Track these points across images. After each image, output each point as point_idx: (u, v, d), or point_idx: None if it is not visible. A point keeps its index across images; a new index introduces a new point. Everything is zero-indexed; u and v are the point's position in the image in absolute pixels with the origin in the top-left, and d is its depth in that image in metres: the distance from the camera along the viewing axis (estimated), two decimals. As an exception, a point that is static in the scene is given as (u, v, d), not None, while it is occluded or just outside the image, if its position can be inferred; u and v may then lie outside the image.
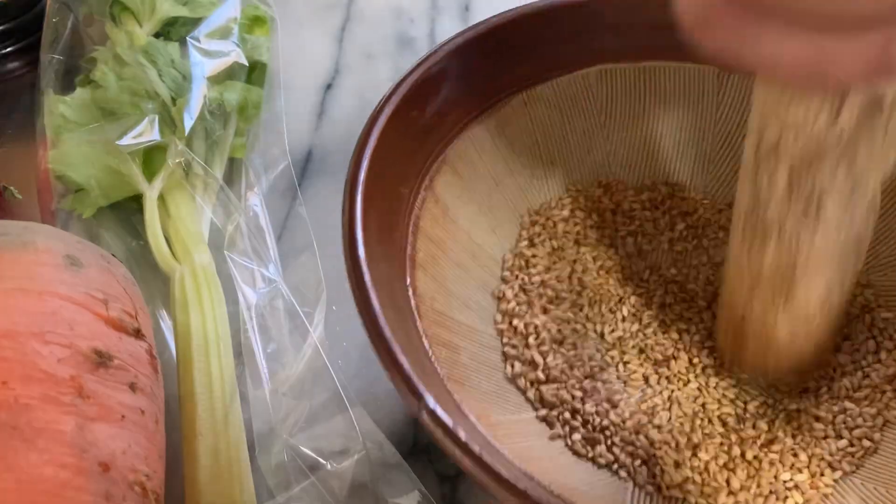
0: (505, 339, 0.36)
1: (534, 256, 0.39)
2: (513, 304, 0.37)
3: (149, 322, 0.33)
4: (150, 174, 0.41)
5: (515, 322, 0.37)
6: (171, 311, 0.37)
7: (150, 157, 0.41)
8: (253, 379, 0.35)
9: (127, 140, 0.40)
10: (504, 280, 0.38)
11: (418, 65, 0.36)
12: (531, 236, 0.40)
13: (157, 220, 0.40)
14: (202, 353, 0.35)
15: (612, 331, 0.37)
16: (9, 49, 0.50)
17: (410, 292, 0.33)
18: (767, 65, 0.23)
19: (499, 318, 0.37)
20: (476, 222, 0.38)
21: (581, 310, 0.38)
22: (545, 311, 0.37)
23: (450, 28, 0.56)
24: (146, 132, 0.40)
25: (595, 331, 0.37)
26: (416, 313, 0.33)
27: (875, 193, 0.29)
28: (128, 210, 0.42)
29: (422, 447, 0.36)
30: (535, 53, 0.39)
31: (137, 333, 0.31)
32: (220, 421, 0.33)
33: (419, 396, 0.26)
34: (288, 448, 0.33)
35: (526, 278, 0.38)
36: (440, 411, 0.26)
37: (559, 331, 0.37)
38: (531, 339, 0.36)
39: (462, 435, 0.26)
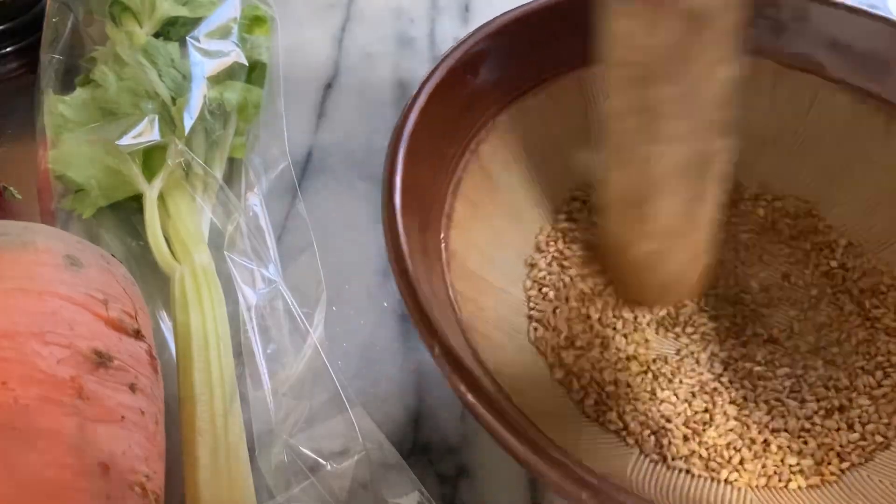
0: (532, 304, 0.37)
1: (571, 231, 0.39)
2: (544, 272, 0.38)
3: (149, 322, 0.33)
4: (149, 174, 0.41)
5: (545, 290, 0.37)
6: (170, 312, 0.37)
7: (150, 157, 0.41)
8: (253, 379, 0.35)
9: (127, 140, 0.40)
10: (538, 249, 0.39)
11: (477, 30, 0.36)
12: (571, 210, 0.40)
13: (156, 220, 0.40)
14: (202, 354, 0.35)
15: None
16: (8, 49, 0.50)
17: (443, 246, 0.33)
18: None
19: (528, 283, 0.37)
20: (517, 191, 0.39)
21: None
22: (577, 282, 0.37)
23: (450, 28, 0.56)
24: (146, 132, 0.40)
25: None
26: (445, 266, 0.33)
27: (715, 108, 0.30)
28: (128, 210, 0.42)
29: (422, 448, 0.36)
30: (595, 32, 0.40)
31: (137, 334, 0.31)
32: (219, 421, 0.33)
33: (435, 334, 0.26)
34: (288, 448, 0.33)
35: (561, 251, 0.38)
36: (454, 349, 0.26)
37: (587, 303, 0.37)
38: (561, 308, 0.36)
39: (473, 373, 0.26)
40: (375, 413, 0.35)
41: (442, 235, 0.34)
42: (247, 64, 0.46)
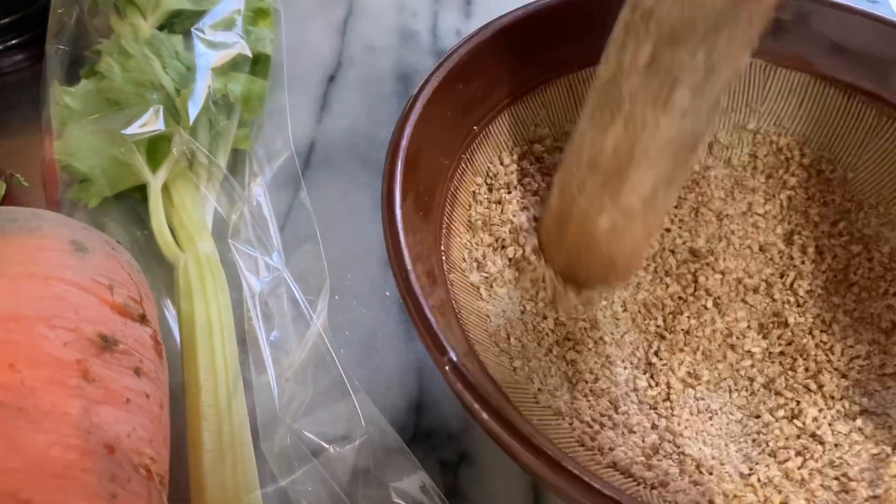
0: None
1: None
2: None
3: (153, 308, 0.33)
4: (154, 164, 0.41)
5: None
6: (175, 300, 0.38)
7: (155, 148, 0.41)
8: (256, 365, 0.35)
9: (131, 130, 0.40)
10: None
11: (467, 40, 0.37)
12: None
13: (161, 209, 0.40)
14: (206, 341, 0.35)
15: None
16: (14, 41, 0.51)
17: (444, 258, 0.34)
18: None
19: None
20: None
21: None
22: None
23: (452, 22, 0.57)
24: (151, 122, 0.40)
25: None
26: (448, 279, 0.33)
27: (723, 89, 0.30)
28: (132, 200, 0.42)
29: (423, 435, 0.36)
30: (585, 37, 0.38)
31: (142, 319, 0.31)
32: (223, 407, 0.33)
33: (443, 350, 0.27)
34: (291, 433, 0.33)
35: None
36: (461, 365, 0.27)
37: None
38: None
39: (481, 389, 0.26)
40: (377, 400, 0.36)
41: (442, 248, 0.34)
42: (251, 56, 0.46)
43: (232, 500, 0.31)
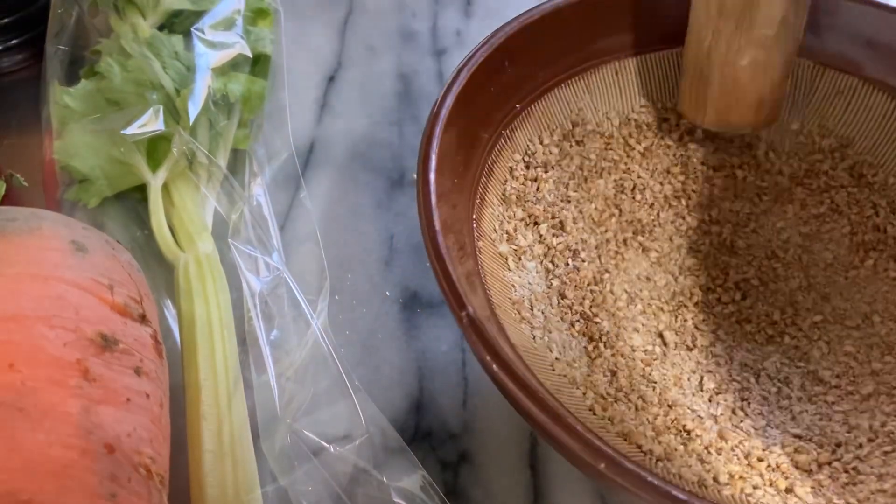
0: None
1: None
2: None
3: (153, 308, 0.33)
4: (154, 164, 0.41)
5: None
6: (175, 300, 0.38)
7: (155, 147, 0.41)
8: (257, 365, 0.35)
9: (131, 130, 0.40)
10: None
11: (515, 19, 0.38)
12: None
13: (160, 209, 0.40)
14: (206, 341, 0.35)
15: None
16: (14, 41, 0.51)
17: (474, 226, 0.34)
18: None
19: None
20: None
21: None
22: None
23: (452, 22, 0.57)
24: (150, 122, 0.40)
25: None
26: (477, 247, 0.34)
27: None
28: (132, 200, 0.42)
29: (423, 434, 0.36)
30: (635, 26, 0.41)
31: (142, 318, 0.31)
32: (223, 407, 0.33)
33: (462, 305, 0.28)
34: (291, 433, 0.33)
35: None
36: (478, 320, 0.27)
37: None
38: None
39: (495, 344, 0.27)
40: (377, 400, 0.36)
41: (474, 216, 0.35)
42: (251, 56, 0.46)
43: (232, 500, 0.31)
